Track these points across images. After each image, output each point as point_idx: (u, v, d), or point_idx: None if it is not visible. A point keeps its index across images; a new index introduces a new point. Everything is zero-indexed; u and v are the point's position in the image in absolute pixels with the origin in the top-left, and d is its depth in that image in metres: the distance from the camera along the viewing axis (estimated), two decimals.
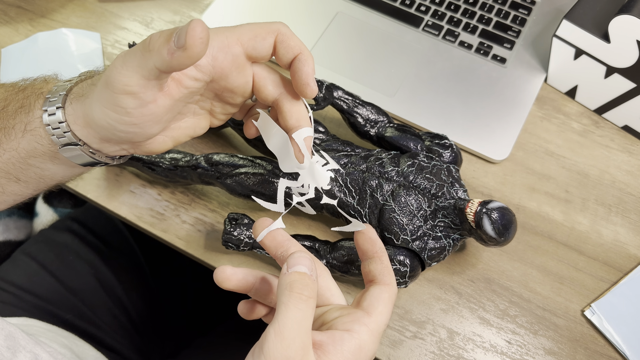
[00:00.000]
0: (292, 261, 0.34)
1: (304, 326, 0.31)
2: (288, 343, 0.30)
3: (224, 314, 0.74)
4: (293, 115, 0.37)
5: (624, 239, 0.54)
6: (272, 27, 0.36)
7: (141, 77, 0.32)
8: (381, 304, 0.36)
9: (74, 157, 0.38)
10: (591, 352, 0.49)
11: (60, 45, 0.61)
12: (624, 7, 0.51)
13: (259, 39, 0.35)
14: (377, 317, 0.35)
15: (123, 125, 0.35)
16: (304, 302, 0.32)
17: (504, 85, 0.61)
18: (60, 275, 0.62)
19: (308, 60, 0.36)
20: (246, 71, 0.37)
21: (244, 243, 0.48)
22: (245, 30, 0.35)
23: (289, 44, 0.36)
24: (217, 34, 0.35)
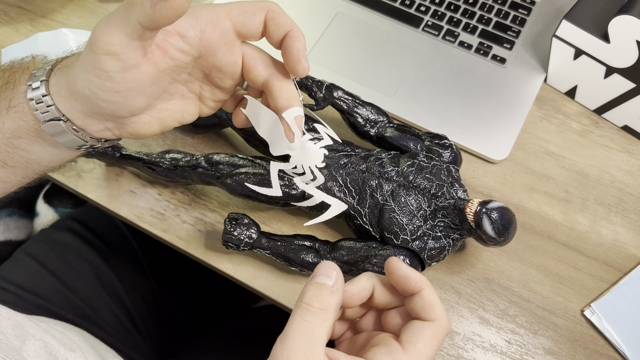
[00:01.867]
0: (316, 271, 0.33)
1: (309, 338, 0.31)
2: (288, 353, 0.30)
3: (224, 314, 0.74)
4: (283, 95, 0.36)
5: (623, 239, 0.54)
6: (262, 4, 0.35)
7: (124, 34, 0.31)
8: (420, 341, 0.33)
9: (58, 134, 0.36)
10: (591, 352, 0.49)
11: (61, 45, 0.61)
12: (623, 7, 0.51)
13: (249, 15, 0.35)
14: (414, 356, 0.32)
15: (105, 92, 0.33)
16: (311, 314, 0.31)
17: (503, 85, 0.61)
18: (61, 275, 0.62)
19: (299, 37, 0.35)
20: (235, 49, 0.36)
21: (244, 243, 0.48)
22: (235, 5, 0.35)
23: (280, 20, 0.35)
24: (206, 8, 0.34)
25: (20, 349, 0.39)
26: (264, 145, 0.53)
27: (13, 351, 0.38)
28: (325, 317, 0.32)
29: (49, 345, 0.43)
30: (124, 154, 0.53)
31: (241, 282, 0.52)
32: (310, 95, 0.52)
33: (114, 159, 0.53)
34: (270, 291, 0.51)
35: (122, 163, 0.54)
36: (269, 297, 0.51)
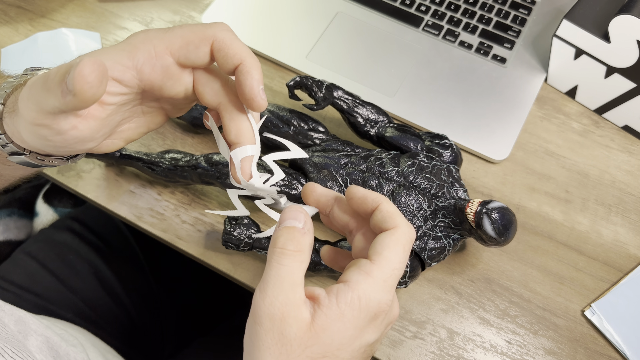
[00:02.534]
0: (283, 217, 0.33)
1: (289, 281, 0.31)
2: (271, 300, 0.30)
3: (224, 314, 0.74)
4: (232, 130, 0.34)
5: (624, 239, 0.54)
6: (207, 32, 0.32)
7: (47, 113, 0.29)
8: (385, 249, 0.32)
9: (25, 162, 0.36)
10: (591, 352, 0.49)
11: (60, 45, 0.61)
12: (624, 7, 0.51)
13: (192, 47, 0.32)
14: (382, 263, 0.32)
15: (50, 148, 0.32)
16: (287, 257, 0.31)
17: (504, 85, 0.61)
18: (60, 275, 0.62)
19: (251, 71, 0.32)
20: (183, 79, 0.33)
21: (243, 243, 0.48)
22: (176, 37, 0.32)
23: (227, 52, 0.32)
24: (143, 43, 0.31)
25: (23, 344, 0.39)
26: (264, 145, 0.53)
27: (19, 343, 0.38)
28: (302, 258, 0.32)
29: (51, 341, 0.43)
30: (124, 153, 0.53)
31: (241, 282, 0.52)
32: (310, 95, 0.52)
33: (113, 158, 0.53)
34: None
35: (122, 163, 0.54)
36: None
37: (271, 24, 0.64)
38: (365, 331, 0.31)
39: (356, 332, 0.31)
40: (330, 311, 0.30)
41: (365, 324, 0.31)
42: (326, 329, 0.30)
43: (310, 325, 0.30)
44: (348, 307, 0.30)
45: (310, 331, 0.30)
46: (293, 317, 0.30)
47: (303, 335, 0.30)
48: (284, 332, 0.30)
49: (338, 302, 0.31)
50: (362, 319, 0.31)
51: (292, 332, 0.30)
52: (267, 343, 0.30)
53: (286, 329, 0.30)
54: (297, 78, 0.52)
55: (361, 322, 0.31)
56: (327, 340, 0.30)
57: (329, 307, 0.31)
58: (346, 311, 0.30)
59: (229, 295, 0.75)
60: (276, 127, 0.52)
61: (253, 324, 0.31)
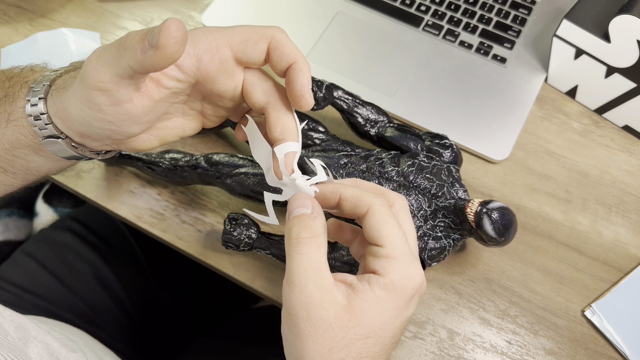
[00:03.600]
0: (290, 207, 0.33)
1: (312, 267, 0.31)
2: (300, 289, 0.30)
3: (224, 314, 0.74)
4: (278, 127, 0.34)
5: (624, 239, 0.54)
6: (267, 31, 0.33)
7: (115, 74, 0.30)
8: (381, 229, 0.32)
9: (57, 150, 0.36)
10: (591, 352, 0.49)
11: (60, 45, 0.61)
12: (624, 7, 0.51)
13: (250, 44, 0.33)
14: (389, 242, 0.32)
15: (98, 122, 0.33)
16: (305, 245, 0.31)
17: (504, 85, 0.61)
18: (60, 275, 0.62)
19: (303, 69, 0.33)
20: (235, 76, 0.34)
21: (243, 243, 0.48)
22: (236, 32, 0.33)
23: (284, 51, 0.33)
24: (205, 34, 0.33)
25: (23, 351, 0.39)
26: None
27: (19, 351, 0.38)
28: (319, 242, 0.32)
29: (51, 347, 0.43)
30: (124, 153, 0.53)
31: (241, 282, 0.52)
32: None
33: (113, 158, 0.53)
34: (270, 291, 0.51)
35: (122, 163, 0.54)
36: (269, 297, 0.51)
37: (271, 23, 0.64)
38: (405, 308, 0.32)
39: (396, 311, 0.32)
40: (366, 295, 0.31)
41: (405, 302, 0.32)
42: (365, 312, 0.31)
43: (347, 307, 0.31)
44: (383, 291, 0.31)
45: (349, 313, 0.31)
46: (327, 301, 0.30)
47: (342, 317, 0.31)
48: (322, 318, 0.30)
49: (372, 288, 0.31)
50: (401, 298, 0.32)
51: (330, 316, 0.30)
52: (307, 331, 0.30)
53: (324, 314, 0.30)
54: None
55: (401, 302, 0.32)
56: (367, 321, 0.31)
57: (364, 292, 0.31)
58: (381, 295, 0.31)
59: (229, 295, 0.75)
60: None
61: (289, 317, 0.31)
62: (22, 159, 0.38)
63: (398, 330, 0.32)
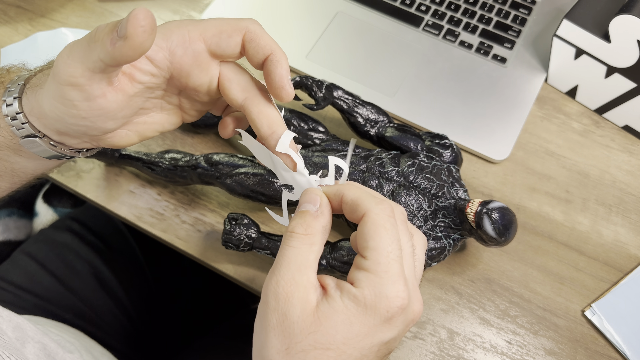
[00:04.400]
0: (300, 200, 0.33)
1: (296, 262, 0.30)
2: (277, 279, 0.30)
3: (224, 314, 0.74)
4: (263, 121, 0.34)
5: (624, 239, 0.54)
6: (240, 24, 0.33)
7: (86, 68, 0.30)
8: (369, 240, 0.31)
9: (37, 150, 0.36)
10: (591, 353, 0.49)
11: (60, 45, 0.61)
12: (624, 7, 0.51)
13: (224, 36, 0.33)
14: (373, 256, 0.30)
15: (72, 118, 0.32)
16: (295, 239, 0.31)
17: (504, 85, 0.61)
18: (60, 275, 0.62)
19: (281, 60, 0.33)
20: (210, 70, 0.34)
21: (243, 243, 0.48)
22: (210, 25, 0.33)
23: (259, 43, 0.33)
24: (178, 27, 0.32)
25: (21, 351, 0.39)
26: None
27: (17, 351, 0.38)
28: (312, 241, 0.31)
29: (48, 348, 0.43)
30: (123, 153, 0.53)
31: (241, 282, 0.52)
32: (310, 95, 0.51)
33: (113, 158, 0.53)
34: None
35: (122, 163, 0.54)
36: None
37: (271, 24, 0.64)
38: (379, 330, 0.30)
39: (364, 329, 0.30)
40: (335, 302, 0.30)
41: (378, 323, 0.30)
42: (329, 318, 0.29)
43: (314, 310, 0.30)
44: (352, 303, 0.30)
45: (313, 316, 0.30)
46: (297, 298, 0.30)
47: (306, 319, 0.30)
48: (287, 313, 0.30)
49: (342, 297, 0.30)
50: (371, 317, 0.30)
51: (295, 313, 0.30)
52: (272, 323, 0.30)
53: (290, 310, 0.30)
54: (297, 78, 0.51)
55: (371, 321, 0.30)
56: (330, 330, 0.29)
57: (334, 299, 0.30)
58: (350, 306, 0.30)
59: (228, 295, 0.75)
60: None
61: (261, 305, 0.31)
62: (5, 160, 0.38)
63: (368, 351, 0.30)
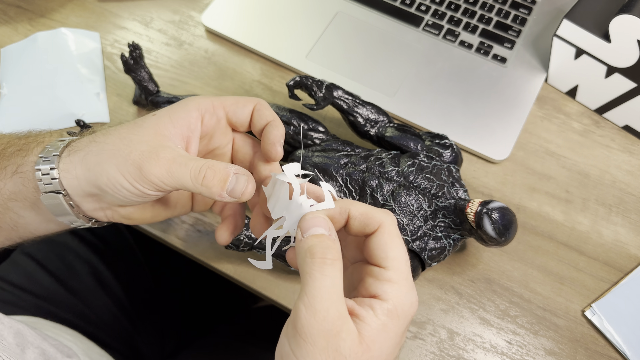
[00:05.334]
0: (306, 224, 0.32)
1: (335, 293, 0.29)
2: (323, 315, 0.28)
3: (224, 314, 0.74)
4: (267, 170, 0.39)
5: (624, 239, 0.54)
6: (252, 99, 0.39)
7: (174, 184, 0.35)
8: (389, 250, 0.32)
9: (54, 205, 0.38)
10: (592, 353, 0.49)
11: (60, 45, 0.61)
12: (624, 7, 0.51)
13: (240, 106, 0.39)
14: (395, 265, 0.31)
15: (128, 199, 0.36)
16: (329, 266, 0.30)
17: (504, 85, 0.60)
18: (59, 275, 0.62)
19: (279, 126, 0.38)
20: (227, 134, 0.40)
21: (243, 243, 0.48)
22: (229, 98, 0.39)
23: (264, 112, 0.39)
24: (204, 100, 0.38)
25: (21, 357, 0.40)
26: None
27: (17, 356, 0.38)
28: (340, 266, 0.30)
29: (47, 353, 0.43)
30: None
31: (241, 282, 0.52)
32: (310, 95, 0.51)
33: None
34: (270, 291, 0.51)
35: None
36: (268, 297, 0.51)
37: (271, 23, 0.64)
38: (404, 334, 0.32)
39: (397, 338, 0.31)
40: (374, 324, 0.30)
41: (405, 328, 0.31)
42: (375, 341, 0.30)
43: (359, 338, 0.29)
44: (388, 318, 0.30)
45: (362, 344, 0.29)
46: (346, 330, 0.29)
47: (357, 349, 0.29)
48: (339, 349, 0.29)
49: (377, 315, 0.30)
50: (402, 325, 0.31)
51: (346, 347, 0.29)
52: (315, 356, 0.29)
53: (341, 345, 0.29)
54: (297, 78, 0.51)
55: (402, 328, 0.31)
56: (377, 352, 0.30)
57: (371, 320, 0.30)
58: (387, 322, 0.30)
59: (228, 295, 0.75)
60: None
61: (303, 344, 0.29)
62: (14, 212, 0.40)
63: (393, 356, 0.32)
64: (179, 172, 0.34)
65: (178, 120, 0.37)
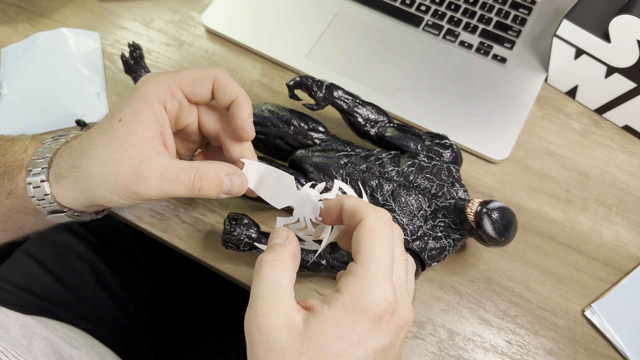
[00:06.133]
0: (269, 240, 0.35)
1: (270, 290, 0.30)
2: (255, 311, 0.30)
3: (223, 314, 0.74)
4: (235, 150, 0.40)
5: (624, 239, 0.54)
6: (210, 73, 0.38)
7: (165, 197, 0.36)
8: (362, 244, 0.31)
9: (58, 217, 0.39)
10: (591, 352, 0.49)
11: (60, 45, 0.61)
12: (624, 7, 0.51)
13: (197, 85, 0.38)
14: (364, 260, 0.30)
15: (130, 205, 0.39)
16: (265, 267, 0.31)
17: (504, 85, 0.61)
18: (60, 275, 0.62)
19: (244, 105, 0.38)
20: (192, 111, 0.40)
21: (243, 243, 0.48)
22: (184, 76, 0.38)
23: (225, 90, 0.38)
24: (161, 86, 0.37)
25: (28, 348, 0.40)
26: (263, 145, 0.53)
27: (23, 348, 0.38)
28: (282, 266, 0.31)
29: (55, 344, 0.43)
30: None
31: (241, 282, 0.52)
32: (310, 95, 0.51)
33: None
34: None
35: None
36: None
37: (271, 23, 0.64)
38: (370, 336, 0.29)
39: (356, 336, 0.29)
40: (322, 316, 0.29)
41: (368, 328, 0.29)
42: (319, 334, 0.29)
43: (302, 331, 0.29)
44: (341, 312, 0.29)
45: (302, 337, 0.29)
46: (281, 324, 0.29)
47: (295, 341, 0.29)
48: (274, 341, 0.29)
49: (330, 308, 0.29)
50: (360, 322, 0.29)
51: (282, 339, 0.29)
52: (260, 356, 0.29)
53: (276, 338, 0.29)
54: (297, 78, 0.51)
55: (361, 326, 0.29)
56: (322, 346, 0.29)
57: (321, 313, 0.29)
58: (339, 315, 0.29)
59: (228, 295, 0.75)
60: (276, 127, 0.52)
61: (247, 341, 0.30)
62: (18, 220, 0.41)
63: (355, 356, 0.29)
64: (172, 189, 0.35)
65: (145, 120, 0.36)
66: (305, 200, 0.36)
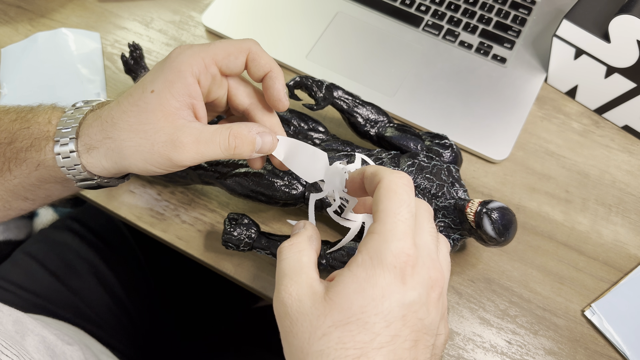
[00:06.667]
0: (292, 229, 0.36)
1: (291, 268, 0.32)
2: (279, 288, 0.31)
3: (224, 314, 0.74)
4: (266, 122, 0.40)
5: (624, 239, 0.54)
6: (244, 45, 0.39)
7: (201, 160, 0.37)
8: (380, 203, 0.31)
9: (87, 184, 0.40)
10: (591, 352, 0.49)
11: (60, 45, 0.61)
12: (624, 7, 0.51)
13: (232, 58, 0.38)
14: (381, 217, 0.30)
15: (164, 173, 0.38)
16: (284, 251, 0.33)
17: (504, 85, 0.61)
18: (60, 275, 0.62)
19: (278, 77, 0.39)
20: (223, 85, 0.40)
21: (243, 243, 0.48)
22: (219, 49, 0.38)
23: (260, 62, 0.39)
24: (195, 59, 0.37)
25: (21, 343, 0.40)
26: None
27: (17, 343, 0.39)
28: (299, 247, 0.33)
29: (47, 340, 0.43)
30: None
31: (241, 282, 0.52)
32: (310, 95, 0.51)
33: None
34: (270, 291, 0.51)
35: None
36: (268, 297, 0.51)
37: (271, 23, 0.64)
38: (393, 289, 0.29)
39: (378, 290, 0.28)
40: (343, 277, 0.30)
41: (390, 280, 0.29)
42: (340, 293, 0.29)
43: (324, 296, 0.30)
44: (360, 268, 0.29)
45: (325, 300, 0.29)
46: (303, 293, 0.30)
47: (318, 306, 0.29)
48: (299, 309, 0.30)
49: (350, 268, 0.30)
50: (381, 275, 0.29)
51: (306, 307, 0.30)
52: (287, 327, 0.30)
53: (300, 307, 0.30)
54: (297, 78, 0.51)
55: (382, 280, 0.29)
56: (345, 304, 0.29)
57: (341, 274, 0.30)
58: (358, 272, 0.29)
59: (228, 295, 0.75)
60: None
61: (277, 322, 0.31)
62: (47, 189, 0.41)
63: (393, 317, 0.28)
64: (208, 151, 0.36)
65: (179, 92, 0.36)
66: (334, 173, 0.38)
